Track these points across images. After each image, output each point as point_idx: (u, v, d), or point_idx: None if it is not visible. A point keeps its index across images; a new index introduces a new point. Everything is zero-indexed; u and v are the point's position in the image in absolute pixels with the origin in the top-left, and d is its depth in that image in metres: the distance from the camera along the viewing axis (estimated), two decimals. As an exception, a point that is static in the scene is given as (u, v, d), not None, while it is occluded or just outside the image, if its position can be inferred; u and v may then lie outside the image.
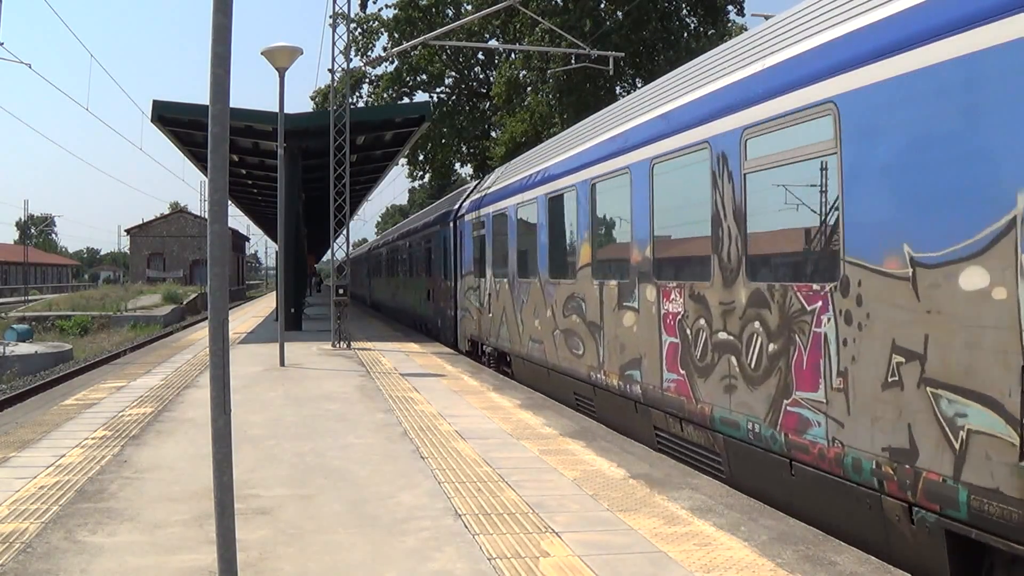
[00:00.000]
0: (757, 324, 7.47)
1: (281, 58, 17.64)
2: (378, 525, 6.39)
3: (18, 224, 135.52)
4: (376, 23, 45.22)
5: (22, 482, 7.61)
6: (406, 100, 45.87)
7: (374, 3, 56.58)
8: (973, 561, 5.44)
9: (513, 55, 41.28)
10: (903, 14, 5.88)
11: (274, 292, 49.39)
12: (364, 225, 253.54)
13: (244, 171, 33.00)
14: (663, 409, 9.50)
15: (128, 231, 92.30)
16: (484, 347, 19.02)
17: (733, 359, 7.88)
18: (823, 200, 6.76)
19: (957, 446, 5.28)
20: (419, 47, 39.28)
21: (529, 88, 40.42)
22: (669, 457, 9.00)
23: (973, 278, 5.19)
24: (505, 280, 16.56)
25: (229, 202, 7.95)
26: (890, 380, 5.84)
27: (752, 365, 7.55)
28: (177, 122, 24.59)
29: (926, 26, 5.60)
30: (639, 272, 10.07)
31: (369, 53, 44.89)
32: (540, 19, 33.56)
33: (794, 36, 7.31)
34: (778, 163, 7.22)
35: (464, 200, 22.08)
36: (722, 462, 8.26)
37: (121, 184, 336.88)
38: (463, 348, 21.14)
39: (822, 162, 6.72)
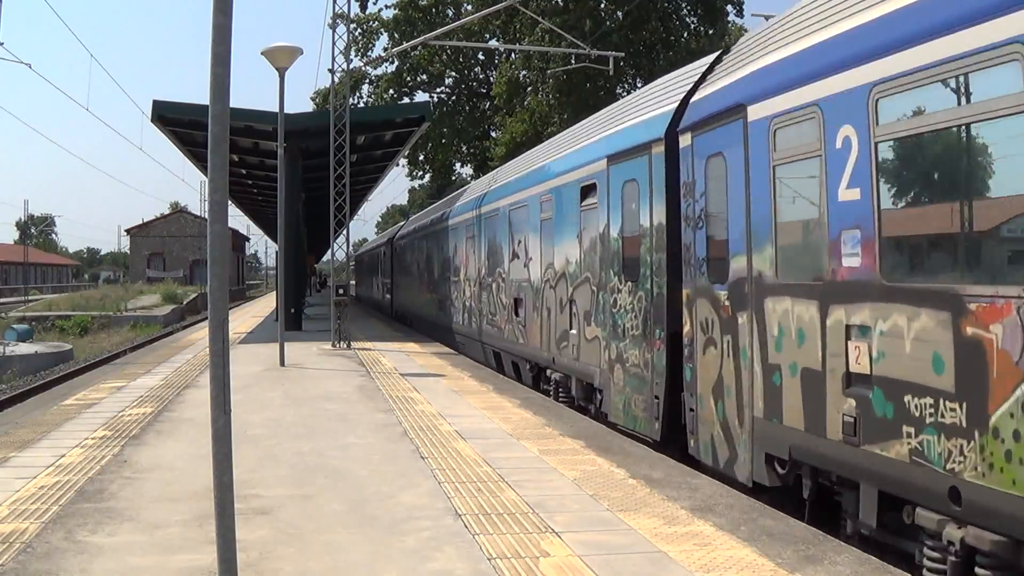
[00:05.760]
0: None
1: (281, 58, 17.65)
2: (378, 525, 6.39)
3: (18, 224, 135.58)
4: (376, 23, 45.26)
5: (22, 482, 7.61)
6: (406, 100, 45.92)
7: (374, 3, 56.48)
8: None
9: (513, 55, 41.31)
10: None
11: (274, 292, 49.38)
12: (364, 225, 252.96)
13: (244, 171, 33.02)
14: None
15: (128, 231, 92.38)
16: None
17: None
18: None
19: None
20: (419, 47, 39.29)
21: (529, 88, 40.44)
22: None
23: None
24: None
25: (229, 202, 7.96)
26: None
27: None
28: (177, 122, 24.61)
29: None
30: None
31: (369, 53, 44.98)
32: (540, 19, 33.58)
33: None
34: None
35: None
36: None
37: (121, 184, 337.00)
38: None
39: None
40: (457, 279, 22.34)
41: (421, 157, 47.67)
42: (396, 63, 44.88)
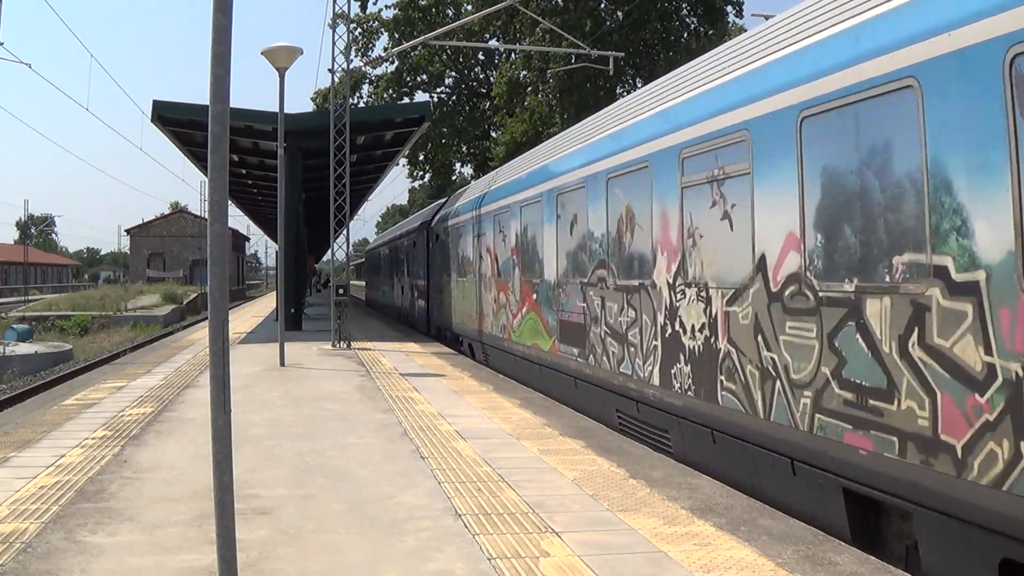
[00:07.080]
0: None
1: (281, 58, 17.65)
2: (378, 525, 6.39)
3: (18, 224, 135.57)
4: (376, 23, 45.28)
5: (22, 482, 7.61)
6: (406, 100, 45.93)
7: (374, 3, 56.60)
8: None
9: (513, 55, 41.33)
10: None
11: (274, 292, 49.39)
12: (364, 225, 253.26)
13: (244, 171, 33.01)
14: None
15: (128, 231, 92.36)
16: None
17: None
18: None
19: None
20: (419, 47, 39.31)
21: (529, 88, 40.46)
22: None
23: None
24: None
25: (229, 202, 7.96)
26: None
27: None
28: (177, 122, 24.61)
29: None
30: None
31: (369, 53, 44.98)
32: (540, 19, 33.59)
33: None
34: None
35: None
36: None
37: (121, 184, 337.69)
38: None
39: None
40: (606, 285, 11.54)
41: (421, 157, 47.67)
42: (396, 63, 44.89)
